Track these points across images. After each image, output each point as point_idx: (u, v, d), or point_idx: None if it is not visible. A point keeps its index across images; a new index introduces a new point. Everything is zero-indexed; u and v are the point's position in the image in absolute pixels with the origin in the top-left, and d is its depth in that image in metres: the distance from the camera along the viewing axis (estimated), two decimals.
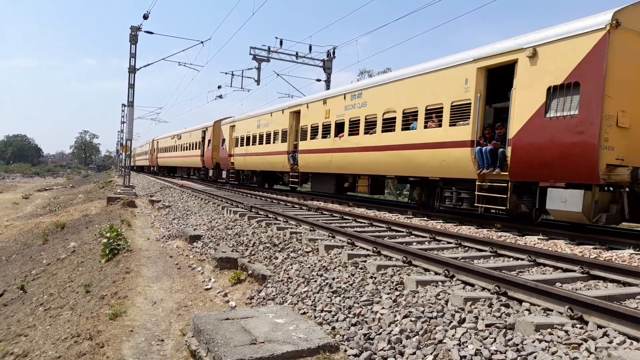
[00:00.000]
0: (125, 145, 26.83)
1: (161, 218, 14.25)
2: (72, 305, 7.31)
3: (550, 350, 3.38)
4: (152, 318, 5.65)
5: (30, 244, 15.53)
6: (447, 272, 5.33)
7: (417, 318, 4.16)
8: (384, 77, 14.25)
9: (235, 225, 10.29)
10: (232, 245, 8.56)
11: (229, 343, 3.74)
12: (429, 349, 3.61)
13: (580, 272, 5.61)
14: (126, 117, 27.61)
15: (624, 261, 6.43)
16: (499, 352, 3.44)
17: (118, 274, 7.70)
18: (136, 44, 23.91)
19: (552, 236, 8.62)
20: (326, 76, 27.24)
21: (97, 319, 5.68)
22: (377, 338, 3.94)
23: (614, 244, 7.74)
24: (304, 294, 5.41)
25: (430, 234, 8.28)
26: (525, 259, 6.33)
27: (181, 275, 7.62)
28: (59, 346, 5.57)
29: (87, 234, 13.39)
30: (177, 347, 4.72)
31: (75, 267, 10.03)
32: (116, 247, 9.38)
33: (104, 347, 4.74)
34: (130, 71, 24.08)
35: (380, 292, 4.96)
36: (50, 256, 12.37)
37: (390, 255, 6.42)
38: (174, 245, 9.93)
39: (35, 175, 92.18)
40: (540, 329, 3.68)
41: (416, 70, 12.04)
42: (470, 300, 4.40)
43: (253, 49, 25.46)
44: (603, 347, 3.33)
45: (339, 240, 7.72)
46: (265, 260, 7.14)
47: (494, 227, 9.72)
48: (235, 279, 6.71)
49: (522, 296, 4.42)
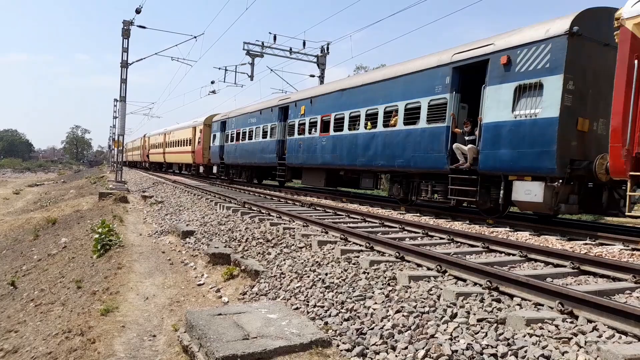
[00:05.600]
0: (118, 140, 26.66)
1: (154, 214, 14.19)
2: (64, 301, 7.26)
3: (541, 345, 3.42)
4: (144, 314, 5.63)
5: (21, 240, 15.38)
6: (439, 268, 5.36)
7: (409, 313, 4.18)
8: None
9: (228, 221, 10.27)
10: (225, 240, 8.54)
11: (222, 338, 3.73)
12: (421, 343, 3.62)
13: (571, 268, 5.66)
14: (118, 112, 27.42)
15: (613, 256, 6.51)
16: (490, 346, 3.47)
17: (110, 270, 7.66)
18: (129, 39, 23.72)
19: (543, 232, 8.70)
20: (320, 72, 27.18)
21: (89, 314, 5.65)
22: (370, 333, 3.96)
23: (604, 240, 7.82)
24: (296, 290, 5.42)
25: (423, 230, 8.31)
26: (516, 255, 6.38)
27: (174, 270, 7.59)
28: (49, 342, 5.53)
29: (78, 230, 13.29)
30: (169, 343, 4.70)
31: (67, 262, 9.96)
32: (108, 243, 9.32)
33: (95, 343, 4.72)
34: (123, 66, 23.89)
35: (373, 288, 4.98)
36: (41, 252, 12.28)
37: (383, 250, 6.44)
38: (167, 241, 9.89)
39: (26, 171, 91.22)
40: (531, 324, 3.71)
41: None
42: (462, 296, 4.43)
43: (246, 44, 25.34)
44: (592, 341, 3.37)
45: (332, 235, 7.73)
46: (258, 256, 7.13)
47: (486, 223, 9.79)
48: (228, 275, 6.69)
49: (514, 291, 4.46)
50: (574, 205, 9.08)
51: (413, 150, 11.99)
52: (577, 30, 8.52)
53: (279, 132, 19.98)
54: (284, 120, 19.71)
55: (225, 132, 27.14)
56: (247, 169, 25.04)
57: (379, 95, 13.52)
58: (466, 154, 10.34)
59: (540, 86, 8.95)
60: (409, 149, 12.14)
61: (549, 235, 8.45)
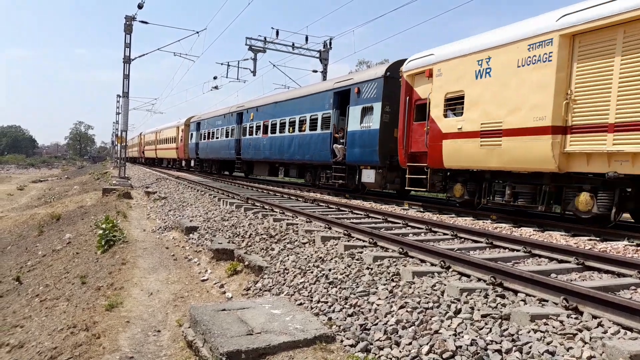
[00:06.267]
0: (121, 136, 26.70)
1: (157, 209, 14.22)
2: (68, 296, 7.30)
3: (546, 341, 3.41)
4: (149, 309, 5.65)
5: (25, 236, 15.46)
6: (443, 263, 5.35)
7: (413, 309, 4.17)
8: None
9: (231, 217, 10.28)
10: (228, 236, 8.55)
11: (226, 334, 3.74)
12: (425, 339, 3.62)
13: (575, 263, 5.64)
14: (121, 108, 27.41)
15: (618, 252, 6.48)
16: (495, 342, 3.46)
17: (114, 265, 7.69)
18: (131, 34, 23.70)
19: (547, 228, 8.68)
20: (323, 67, 27.09)
21: (93, 310, 5.68)
22: (374, 328, 3.96)
23: (609, 236, 7.79)
24: (300, 285, 5.42)
25: (426, 226, 8.30)
26: (520, 250, 6.36)
27: (177, 266, 7.61)
28: (55, 337, 5.56)
29: (82, 226, 13.34)
30: (173, 338, 4.72)
31: (71, 258, 10.01)
32: (112, 239, 9.35)
33: (100, 338, 4.74)
34: (125, 61, 23.89)
35: (377, 283, 4.97)
36: (45, 247, 12.33)
37: (386, 246, 6.44)
38: (170, 237, 9.91)
39: (30, 167, 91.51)
40: (536, 320, 3.70)
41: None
42: (466, 291, 4.42)
43: (249, 40, 25.28)
44: (598, 337, 3.35)
45: (336, 231, 7.73)
46: (262, 252, 7.14)
47: (490, 219, 9.77)
48: (231, 270, 6.70)
49: (518, 287, 4.45)
50: (397, 185, 13.73)
51: (314, 149, 16.90)
52: (389, 74, 13.46)
53: (237, 132, 25.03)
54: (240, 123, 24.80)
55: (199, 131, 32.36)
56: (216, 163, 30.52)
57: (296, 108, 18.68)
58: (339, 152, 15.32)
59: (372, 108, 13.94)
60: (312, 148, 17.05)
61: (553, 230, 8.42)
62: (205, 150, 30.86)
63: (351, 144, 14.62)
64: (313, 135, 16.99)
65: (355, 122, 14.49)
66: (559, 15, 8.36)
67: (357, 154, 14.32)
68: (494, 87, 9.49)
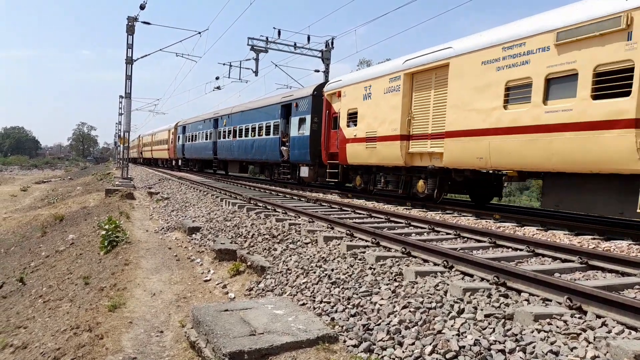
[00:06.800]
0: (123, 137, 26.74)
1: (160, 210, 14.24)
2: (71, 297, 7.31)
3: (549, 340, 3.39)
4: (152, 310, 5.66)
5: (28, 237, 15.51)
6: (446, 263, 5.33)
7: (416, 309, 4.16)
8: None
9: (234, 217, 10.28)
10: (231, 236, 8.56)
11: (228, 334, 3.74)
12: (428, 339, 3.61)
13: (579, 263, 5.61)
14: (124, 108, 27.43)
15: (622, 251, 6.45)
16: (498, 342, 3.44)
17: (117, 266, 7.69)
18: (133, 35, 23.72)
19: (551, 227, 8.65)
20: (325, 67, 27.07)
21: (97, 310, 5.68)
22: (376, 329, 3.95)
23: (613, 235, 7.76)
24: (303, 285, 5.42)
25: (429, 225, 8.28)
26: (524, 250, 6.34)
27: (180, 266, 7.62)
28: (58, 338, 5.57)
29: (85, 226, 13.37)
30: (176, 339, 4.72)
31: (74, 259, 10.03)
32: (115, 239, 9.36)
33: (103, 339, 4.74)
34: (128, 62, 23.91)
35: (380, 283, 4.96)
36: (49, 248, 12.37)
37: (389, 246, 6.42)
38: (173, 237, 9.92)
39: (33, 168, 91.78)
40: (539, 319, 3.68)
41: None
42: (469, 291, 4.40)
43: (251, 40, 25.23)
44: (602, 337, 3.34)
45: (338, 231, 7.72)
46: (264, 252, 7.13)
47: (493, 218, 9.74)
48: (234, 271, 6.70)
49: (521, 286, 4.43)
50: (325, 178, 16.80)
51: (269, 150, 21.26)
52: (316, 93, 17.73)
53: (214, 136, 29.67)
54: (216, 128, 29.45)
55: (185, 134, 37.27)
56: (198, 162, 35.28)
57: (256, 117, 23.04)
58: (285, 153, 19.65)
59: (305, 119, 18.10)
60: (267, 149, 21.46)
61: (556, 230, 8.39)
62: (190, 151, 36.00)
63: (292, 146, 18.94)
64: (268, 139, 21.51)
65: (295, 129, 18.78)
66: (404, 60, 12.42)
67: (297, 154, 18.62)
68: (373, 107, 13.57)
